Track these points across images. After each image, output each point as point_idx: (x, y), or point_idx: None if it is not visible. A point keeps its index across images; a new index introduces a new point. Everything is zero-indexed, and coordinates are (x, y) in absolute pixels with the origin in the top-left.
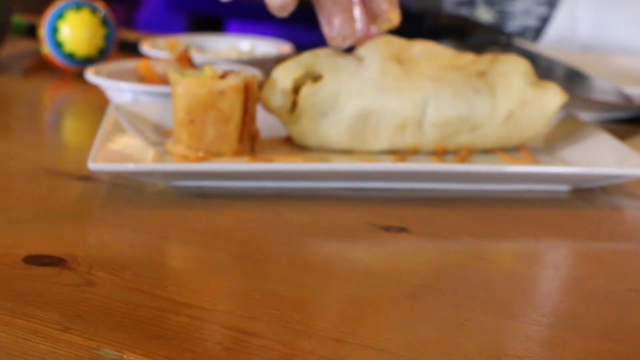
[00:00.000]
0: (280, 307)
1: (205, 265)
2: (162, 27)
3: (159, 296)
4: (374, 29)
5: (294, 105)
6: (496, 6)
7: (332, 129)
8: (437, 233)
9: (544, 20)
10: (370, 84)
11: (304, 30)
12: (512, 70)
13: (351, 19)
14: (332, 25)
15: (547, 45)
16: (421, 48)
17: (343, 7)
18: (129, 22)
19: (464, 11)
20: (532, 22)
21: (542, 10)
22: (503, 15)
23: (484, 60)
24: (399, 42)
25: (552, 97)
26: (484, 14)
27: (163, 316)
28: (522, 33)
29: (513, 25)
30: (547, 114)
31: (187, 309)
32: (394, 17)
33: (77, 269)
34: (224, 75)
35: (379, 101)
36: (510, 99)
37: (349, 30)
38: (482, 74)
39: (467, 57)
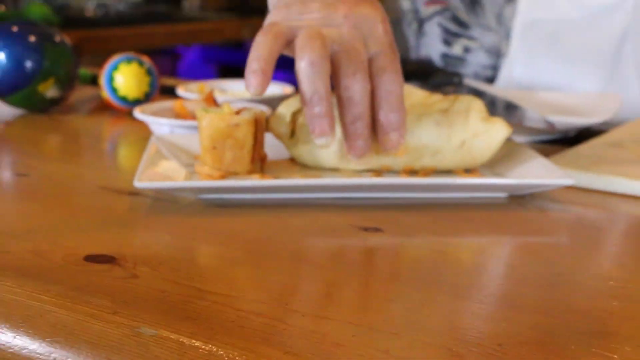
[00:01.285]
0: (282, 292)
1: (224, 260)
2: (197, 74)
3: (187, 285)
4: None
5: (293, 132)
6: (450, 68)
7: (323, 152)
8: (405, 232)
9: (490, 81)
10: None
11: None
12: (468, 108)
13: (369, 142)
14: (354, 148)
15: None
16: None
17: (366, 134)
18: (173, 71)
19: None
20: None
21: (487, 72)
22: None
23: (449, 100)
24: None
25: (499, 130)
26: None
27: (190, 301)
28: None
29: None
30: (494, 143)
31: (209, 295)
32: (400, 152)
33: (124, 265)
34: (239, 112)
35: None
36: (463, 130)
37: (366, 153)
38: (445, 110)
39: (436, 97)
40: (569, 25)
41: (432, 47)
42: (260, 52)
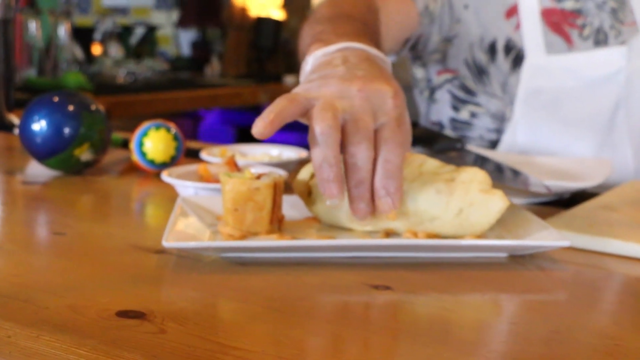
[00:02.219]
0: (299, 348)
1: (245, 316)
2: (217, 135)
3: (212, 340)
4: None
5: (310, 192)
6: (457, 131)
7: (336, 211)
8: (413, 290)
9: (494, 143)
10: None
11: None
12: (471, 179)
13: (371, 205)
14: (357, 210)
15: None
16: (416, 158)
17: (367, 197)
18: (194, 132)
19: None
20: (484, 144)
21: (492, 136)
22: (462, 137)
23: (457, 171)
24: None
25: (497, 202)
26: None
27: (215, 356)
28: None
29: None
30: (492, 214)
31: (233, 350)
32: (392, 216)
33: (153, 321)
34: (259, 177)
35: None
36: (462, 200)
37: (368, 215)
38: (451, 180)
39: (447, 167)
40: (568, 93)
41: (442, 112)
42: (273, 108)
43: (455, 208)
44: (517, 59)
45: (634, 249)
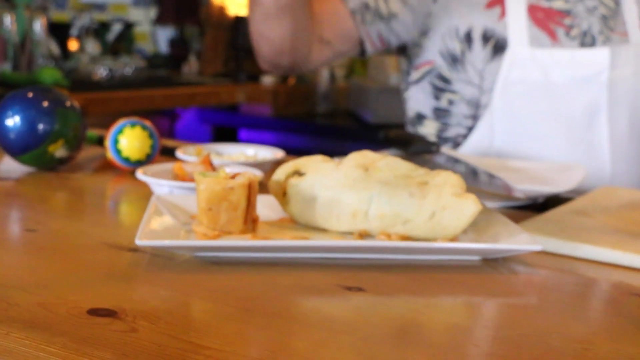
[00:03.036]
0: (271, 349)
1: (217, 315)
2: (193, 134)
3: (183, 340)
4: None
5: (284, 193)
6: (439, 119)
7: (310, 211)
8: (385, 292)
9: (470, 130)
10: (335, 182)
11: (294, 136)
12: (444, 182)
13: None
14: None
15: (471, 147)
16: (387, 161)
17: None
18: (171, 130)
19: (416, 124)
20: (462, 131)
21: (468, 122)
22: (444, 125)
23: (431, 174)
24: (372, 155)
25: (470, 206)
26: (430, 125)
27: (186, 355)
28: (455, 139)
29: (449, 133)
30: (464, 218)
31: (204, 350)
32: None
33: (125, 319)
34: (233, 176)
35: (339, 195)
36: (434, 203)
37: None
38: (424, 183)
39: (420, 171)
40: (548, 87)
41: (425, 103)
42: None
43: (428, 211)
44: (497, 48)
45: (605, 253)
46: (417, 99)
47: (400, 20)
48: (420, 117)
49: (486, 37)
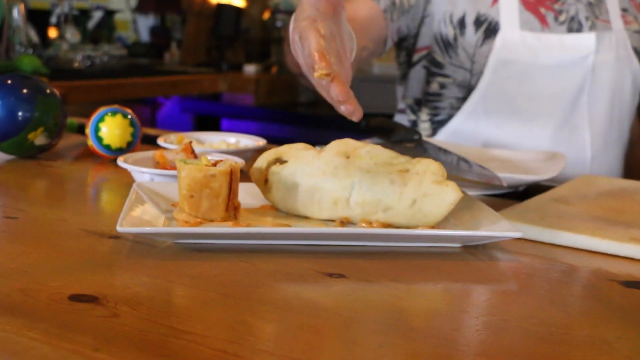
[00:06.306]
0: (251, 333)
1: (199, 301)
2: (175, 123)
3: (165, 325)
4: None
5: (266, 180)
6: (429, 103)
7: (292, 199)
8: (366, 278)
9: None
10: (317, 169)
11: (276, 126)
12: (425, 170)
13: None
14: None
15: (458, 126)
16: (368, 148)
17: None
18: (153, 119)
19: (415, 110)
20: (454, 112)
21: (460, 104)
22: (435, 109)
23: (412, 162)
24: (354, 143)
25: (450, 193)
26: (423, 110)
27: (167, 340)
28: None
29: (442, 117)
30: (445, 205)
31: (185, 335)
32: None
33: (106, 305)
34: (215, 164)
35: (320, 182)
36: (415, 190)
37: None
38: (405, 171)
39: (401, 158)
40: (536, 70)
41: (417, 88)
42: (343, 89)
43: (409, 199)
44: (489, 31)
45: (584, 240)
46: (412, 86)
47: (415, 10)
48: (418, 103)
49: (479, 22)
